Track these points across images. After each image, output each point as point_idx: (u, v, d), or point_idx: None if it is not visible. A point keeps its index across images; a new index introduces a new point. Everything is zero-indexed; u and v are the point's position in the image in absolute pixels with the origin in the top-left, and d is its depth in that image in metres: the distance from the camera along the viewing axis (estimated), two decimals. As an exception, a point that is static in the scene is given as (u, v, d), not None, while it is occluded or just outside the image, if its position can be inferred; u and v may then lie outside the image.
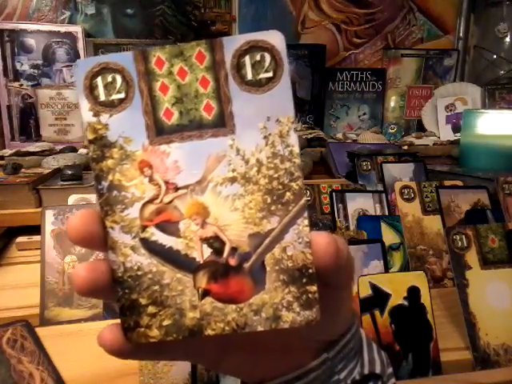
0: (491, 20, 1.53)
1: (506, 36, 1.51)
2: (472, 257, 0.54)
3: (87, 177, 0.88)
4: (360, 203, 0.71)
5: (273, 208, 0.20)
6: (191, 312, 0.20)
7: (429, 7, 1.56)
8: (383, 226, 0.66)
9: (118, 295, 0.20)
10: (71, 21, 1.33)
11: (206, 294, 0.20)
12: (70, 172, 0.84)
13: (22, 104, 1.27)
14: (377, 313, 0.48)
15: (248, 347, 0.24)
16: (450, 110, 1.47)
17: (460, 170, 1.02)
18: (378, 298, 0.49)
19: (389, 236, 0.66)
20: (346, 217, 0.70)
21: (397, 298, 0.49)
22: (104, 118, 0.19)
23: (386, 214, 0.71)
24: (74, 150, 1.14)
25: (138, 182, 0.20)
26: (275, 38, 0.19)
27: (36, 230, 0.63)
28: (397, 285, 0.50)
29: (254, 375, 0.25)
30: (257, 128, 0.20)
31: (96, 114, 0.19)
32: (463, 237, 0.55)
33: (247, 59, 0.19)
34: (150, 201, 0.20)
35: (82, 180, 0.85)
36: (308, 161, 1.03)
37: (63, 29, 1.28)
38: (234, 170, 0.20)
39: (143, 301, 0.20)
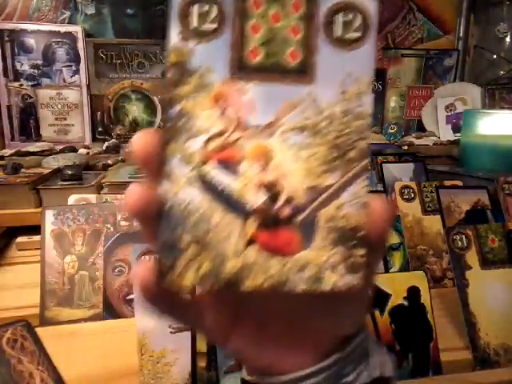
0: (491, 20, 1.53)
1: (506, 36, 1.51)
2: (472, 257, 0.54)
3: (87, 177, 0.88)
4: (360, 203, 0.71)
5: (336, 163, 0.20)
6: (233, 259, 0.19)
7: (429, 7, 1.56)
8: (383, 226, 0.66)
9: (161, 229, 0.19)
10: (71, 21, 1.32)
11: (252, 240, 0.19)
12: (70, 172, 0.84)
13: (21, 104, 1.27)
14: (377, 313, 0.48)
15: (259, 329, 0.23)
16: (450, 110, 1.47)
17: (460, 169, 1.02)
18: (378, 298, 0.49)
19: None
20: (346, 217, 0.70)
21: (397, 298, 0.49)
22: (191, 44, 0.19)
23: (386, 214, 0.71)
24: (73, 149, 1.14)
25: (209, 114, 0.19)
26: (370, 2, 0.20)
27: (36, 230, 0.63)
28: (397, 285, 0.50)
29: (257, 363, 0.24)
30: (336, 82, 0.20)
31: (184, 39, 0.19)
32: (463, 237, 0.55)
33: (340, 16, 0.20)
34: (217, 135, 0.19)
35: (82, 180, 0.85)
36: (308, 161, 1.03)
37: (63, 29, 1.28)
38: (306, 119, 0.20)
39: (187, 238, 0.19)
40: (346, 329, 0.23)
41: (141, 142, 0.19)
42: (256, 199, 0.19)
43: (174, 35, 0.19)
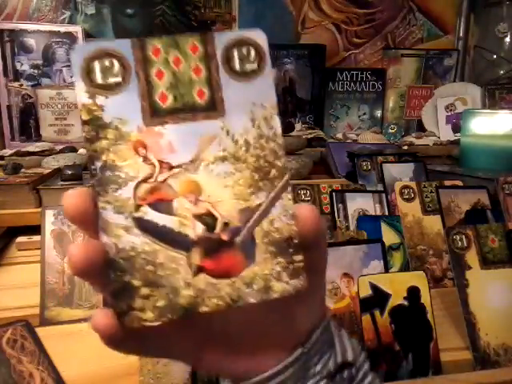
0: (491, 20, 1.53)
1: (506, 36, 1.51)
2: (472, 257, 0.54)
3: (87, 177, 0.88)
4: (360, 203, 0.71)
5: (260, 184, 0.21)
6: (185, 290, 0.20)
7: (429, 7, 1.56)
8: (383, 225, 0.66)
9: (110, 278, 0.20)
10: (71, 21, 1.32)
11: (199, 270, 0.20)
12: (69, 172, 0.84)
13: (22, 104, 1.27)
14: (377, 313, 0.48)
15: (225, 343, 0.24)
16: (450, 110, 1.47)
17: (460, 170, 1.02)
18: (378, 298, 0.49)
19: (389, 236, 0.65)
20: (345, 217, 0.70)
21: (397, 298, 0.49)
22: (99, 99, 0.20)
23: (386, 213, 0.71)
24: (73, 150, 1.14)
25: (132, 162, 0.20)
26: (259, 36, 0.22)
27: (36, 229, 0.63)
28: (397, 285, 0.50)
29: (233, 373, 0.25)
30: (244, 112, 0.21)
31: (92, 96, 0.20)
32: (463, 237, 0.55)
33: (235, 52, 0.21)
34: (144, 180, 0.20)
35: (82, 180, 0.85)
36: (308, 161, 1.03)
37: (63, 29, 1.28)
38: (224, 150, 0.21)
39: (136, 282, 0.20)
40: (303, 325, 0.25)
41: (71, 202, 0.20)
42: (195, 231, 0.21)
43: (81, 93, 0.20)
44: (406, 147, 1.25)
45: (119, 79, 0.20)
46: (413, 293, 0.50)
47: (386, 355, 0.47)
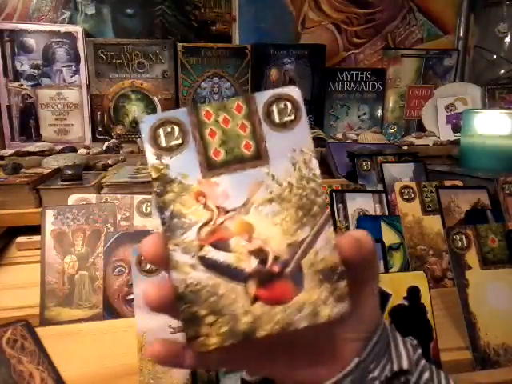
0: (491, 20, 1.53)
1: (506, 36, 1.51)
2: (472, 257, 0.54)
3: (87, 177, 0.88)
4: (360, 203, 0.71)
5: (304, 220, 0.24)
6: (244, 317, 0.23)
7: (429, 7, 1.56)
8: (383, 226, 0.66)
9: (180, 309, 0.23)
10: (71, 21, 1.32)
11: (256, 299, 0.23)
12: (69, 172, 0.84)
13: (21, 104, 1.27)
14: (377, 313, 0.48)
15: (285, 357, 0.27)
16: (450, 110, 1.47)
17: (460, 169, 1.02)
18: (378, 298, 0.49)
19: (389, 236, 0.65)
20: (345, 217, 0.70)
21: (397, 298, 0.49)
22: (165, 159, 0.24)
23: (386, 213, 0.71)
24: (73, 150, 1.14)
25: (194, 209, 0.24)
26: (294, 91, 0.25)
27: (36, 229, 0.63)
28: (397, 285, 0.50)
29: (290, 381, 0.28)
30: (286, 158, 0.25)
31: (158, 157, 0.24)
32: (463, 237, 0.55)
33: (274, 107, 0.25)
34: (205, 224, 0.24)
35: (82, 180, 0.85)
36: (308, 161, 1.03)
37: (63, 29, 1.28)
38: (271, 192, 0.24)
39: (202, 312, 0.23)
40: (357, 335, 0.27)
41: (149, 245, 0.24)
42: (250, 265, 0.24)
43: (150, 155, 0.24)
44: (405, 147, 1.25)
45: (180, 141, 0.24)
46: (413, 293, 0.50)
47: (386, 355, 0.47)
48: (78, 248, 0.58)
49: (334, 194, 0.71)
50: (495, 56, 1.52)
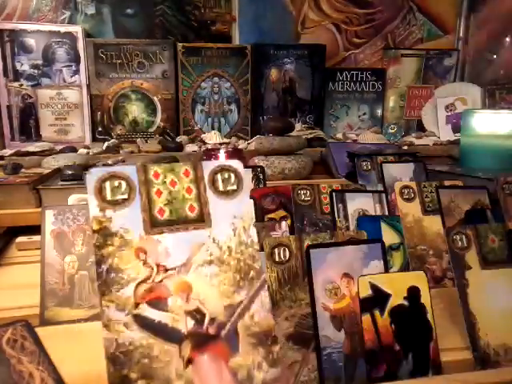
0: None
1: (506, 36, 1.51)
2: (472, 257, 0.54)
3: (87, 177, 0.88)
4: (360, 203, 0.71)
5: (241, 283, 0.25)
6: (177, 381, 0.23)
7: (429, 7, 1.56)
8: (383, 226, 0.66)
9: (109, 372, 0.23)
10: (71, 21, 1.33)
11: (190, 361, 0.23)
12: (69, 172, 0.84)
13: (21, 104, 1.27)
14: (377, 313, 0.48)
15: None
16: (450, 110, 1.47)
17: (460, 169, 1.01)
18: (378, 298, 0.49)
19: (389, 236, 0.65)
20: (345, 217, 0.70)
21: (397, 298, 0.49)
22: (109, 212, 0.24)
23: (386, 214, 0.71)
24: (74, 150, 1.14)
25: (133, 265, 0.24)
26: (237, 165, 0.27)
27: (36, 229, 0.63)
28: (397, 285, 0.50)
29: None
30: (227, 223, 0.26)
31: (102, 210, 0.24)
32: (463, 237, 0.55)
33: (219, 176, 0.27)
34: (143, 281, 0.24)
35: (82, 180, 0.85)
36: (308, 161, 1.03)
37: (63, 29, 1.28)
38: (211, 254, 0.25)
39: (134, 375, 0.23)
40: None
41: None
42: (186, 326, 0.24)
43: (93, 207, 0.24)
44: (406, 147, 1.25)
45: (125, 196, 0.25)
46: (413, 293, 0.50)
47: (386, 355, 0.47)
48: (77, 248, 0.58)
49: (333, 193, 0.71)
50: (495, 56, 1.52)
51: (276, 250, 0.44)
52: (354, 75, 1.50)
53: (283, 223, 0.61)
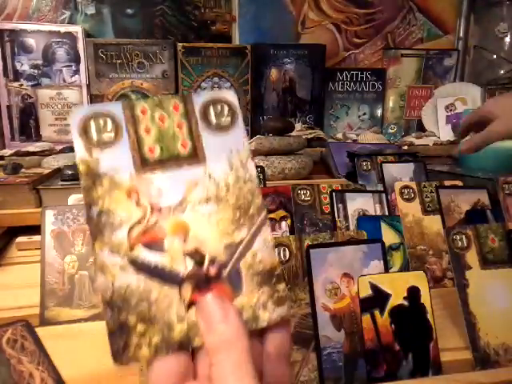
0: (491, 20, 1.53)
1: (506, 36, 1.51)
2: (472, 257, 0.54)
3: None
4: (360, 203, 0.71)
5: (241, 221, 0.24)
6: (179, 324, 0.22)
7: (429, 7, 1.56)
8: (383, 226, 0.66)
9: (107, 318, 0.21)
10: (71, 21, 1.33)
11: (191, 303, 0.22)
12: (69, 172, 0.84)
13: (21, 104, 1.27)
14: (377, 313, 0.48)
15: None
16: (450, 110, 1.47)
17: (460, 170, 1.02)
18: (378, 297, 0.49)
19: (389, 236, 0.65)
20: (345, 217, 0.70)
21: (397, 298, 0.49)
22: (95, 153, 0.23)
23: (386, 214, 0.71)
24: (74, 150, 1.13)
25: (125, 206, 0.22)
26: (230, 95, 0.25)
27: (36, 229, 0.63)
28: (397, 285, 0.50)
29: None
30: (223, 158, 0.24)
31: (88, 150, 0.23)
32: (463, 237, 0.55)
33: (211, 109, 0.25)
34: (137, 222, 0.22)
35: (82, 180, 0.85)
36: (308, 161, 1.03)
37: (63, 29, 1.28)
38: (208, 192, 0.24)
39: (132, 319, 0.21)
40: None
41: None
42: (185, 267, 0.22)
43: (79, 148, 0.23)
44: (406, 147, 1.25)
45: (112, 135, 0.23)
46: (413, 293, 0.50)
47: (386, 355, 0.47)
48: (77, 248, 0.58)
49: (333, 193, 0.71)
50: (495, 56, 1.52)
51: (276, 250, 0.44)
52: (353, 75, 1.50)
53: (283, 223, 0.61)
